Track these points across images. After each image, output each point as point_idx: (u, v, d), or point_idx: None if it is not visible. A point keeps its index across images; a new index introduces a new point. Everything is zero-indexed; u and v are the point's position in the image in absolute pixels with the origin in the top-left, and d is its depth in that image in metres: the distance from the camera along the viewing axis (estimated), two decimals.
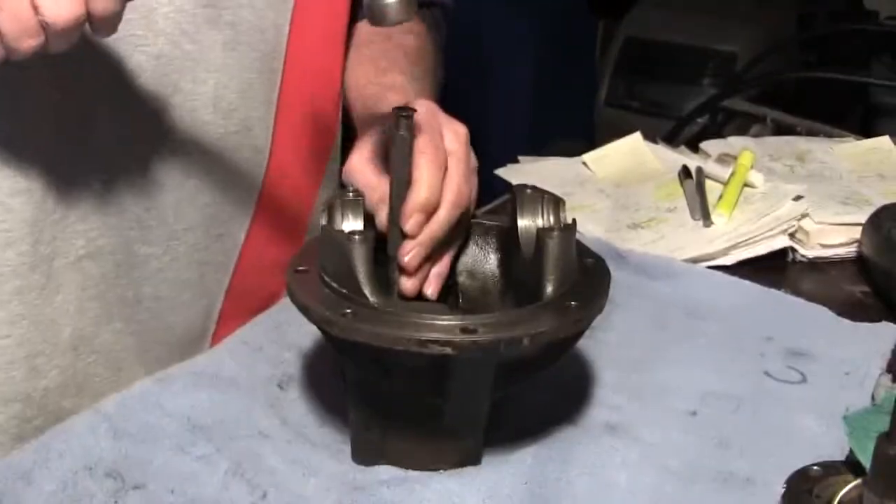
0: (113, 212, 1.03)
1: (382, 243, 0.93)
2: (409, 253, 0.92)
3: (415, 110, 0.91)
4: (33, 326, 1.01)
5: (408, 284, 0.93)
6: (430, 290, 0.95)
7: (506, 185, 1.47)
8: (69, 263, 1.02)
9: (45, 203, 0.98)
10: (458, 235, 0.97)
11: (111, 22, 0.80)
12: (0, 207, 0.97)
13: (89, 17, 0.78)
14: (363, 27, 1.22)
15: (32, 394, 1.03)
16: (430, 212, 0.91)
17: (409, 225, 0.91)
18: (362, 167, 0.96)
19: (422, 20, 1.28)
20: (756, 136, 1.88)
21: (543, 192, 0.94)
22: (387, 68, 1.17)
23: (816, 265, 1.34)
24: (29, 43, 0.78)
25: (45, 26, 0.77)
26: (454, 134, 0.96)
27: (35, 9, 0.76)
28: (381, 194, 0.93)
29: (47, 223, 0.99)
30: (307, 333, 1.05)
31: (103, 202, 1.02)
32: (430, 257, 0.94)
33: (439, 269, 0.95)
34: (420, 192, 0.91)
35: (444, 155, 0.93)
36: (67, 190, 1.00)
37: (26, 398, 1.03)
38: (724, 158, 1.51)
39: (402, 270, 0.93)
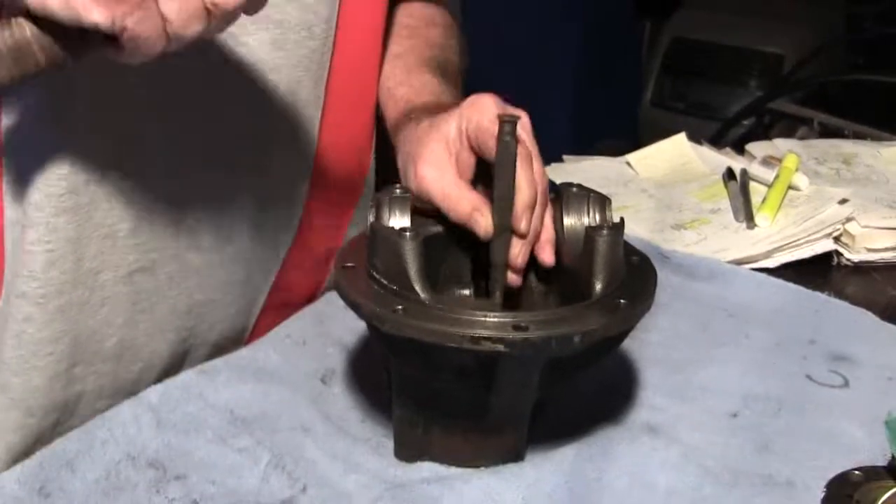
0: (165, 223, 1.03)
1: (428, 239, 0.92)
2: (521, 255, 0.91)
3: (518, 117, 0.88)
4: (74, 340, 1.01)
5: (514, 278, 0.93)
6: (547, 256, 0.93)
7: (550, 184, 1.46)
8: (119, 278, 1.02)
9: (91, 220, 0.98)
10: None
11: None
12: (44, 228, 0.96)
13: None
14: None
15: (68, 400, 1.04)
16: (534, 208, 0.91)
17: (523, 226, 0.90)
18: (438, 179, 0.93)
19: (443, 7, 1.28)
20: (802, 138, 1.87)
21: (589, 190, 0.94)
22: (414, 65, 1.16)
23: (861, 269, 1.33)
24: (195, 28, 0.74)
25: (210, 8, 0.74)
26: (522, 126, 0.93)
27: None
28: (472, 203, 0.91)
29: (93, 239, 0.98)
30: (351, 328, 1.06)
31: (156, 215, 1.02)
32: None
33: (547, 235, 0.94)
34: (526, 192, 0.89)
35: (527, 151, 0.92)
36: (115, 205, 0.99)
37: (63, 405, 1.03)
38: (769, 161, 1.50)
39: (514, 269, 0.92)
